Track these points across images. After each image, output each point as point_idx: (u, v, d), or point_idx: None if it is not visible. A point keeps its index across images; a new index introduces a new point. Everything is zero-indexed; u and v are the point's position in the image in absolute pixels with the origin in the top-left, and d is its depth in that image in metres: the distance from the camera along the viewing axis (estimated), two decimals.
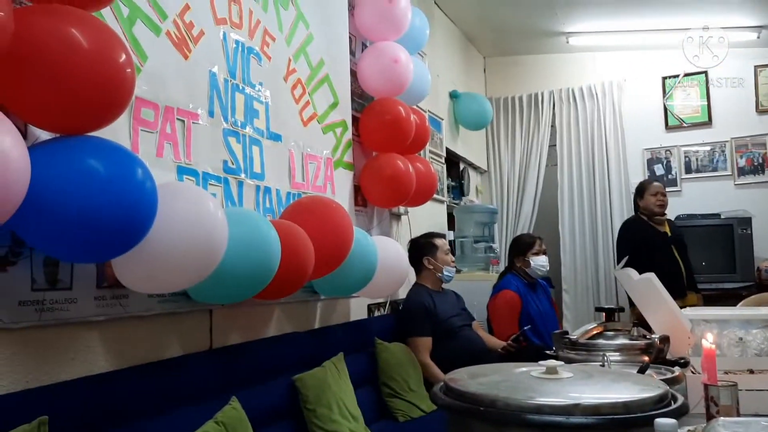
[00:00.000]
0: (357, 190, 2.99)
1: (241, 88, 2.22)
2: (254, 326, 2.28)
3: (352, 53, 3.07)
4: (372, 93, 3.10)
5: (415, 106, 3.32)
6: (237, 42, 2.22)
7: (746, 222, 4.51)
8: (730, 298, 3.82)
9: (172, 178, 1.85)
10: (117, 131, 1.63)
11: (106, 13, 1.63)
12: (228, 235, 1.67)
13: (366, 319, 3.10)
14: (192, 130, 1.95)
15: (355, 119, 3.01)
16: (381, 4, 2.97)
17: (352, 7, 3.05)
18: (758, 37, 4.59)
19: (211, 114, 2.05)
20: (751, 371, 1.58)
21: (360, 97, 3.12)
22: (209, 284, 1.70)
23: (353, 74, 3.03)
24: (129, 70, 1.38)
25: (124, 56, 1.36)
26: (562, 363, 1.17)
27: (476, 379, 1.10)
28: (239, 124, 2.19)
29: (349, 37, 3.02)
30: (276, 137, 2.40)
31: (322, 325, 2.71)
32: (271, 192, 2.34)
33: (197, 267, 1.59)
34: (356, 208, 3.00)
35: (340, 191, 2.82)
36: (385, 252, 2.66)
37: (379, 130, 2.99)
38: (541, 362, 1.14)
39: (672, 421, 0.90)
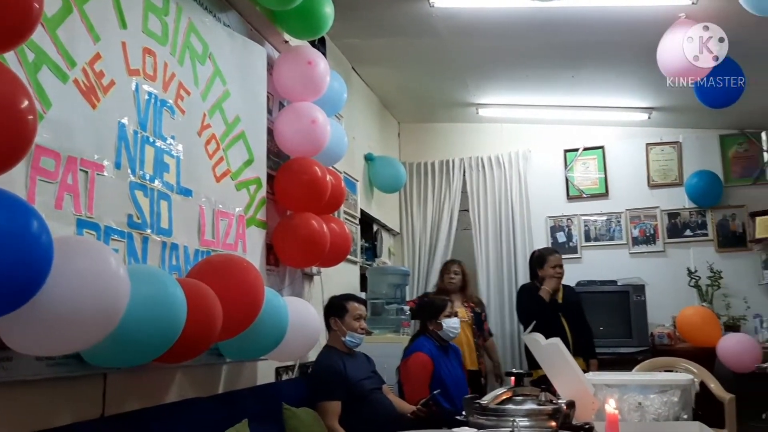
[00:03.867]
0: (269, 249, 2.93)
1: (151, 140, 2.15)
2: (153, 391, 2.14)
3: (270, 112, 3.07)
4: (288, 152, 3.10)
5: (331, 167, 3.34)
6: (150, 94, 2.16)
7: (640, 289, 4.77)
8: (626, 363, 3.98)
9: (70, 232, 1.74)
10: (12, 180, 1.53)
11: (10, 57, 1.55)
12: (129, 293, 1.58)
13: (274, 383, 2.99)
14: (96, 182, 1.86)
15: (270, 177, 2.98)
16: (300, 65, 3.00)
17: (270, 67, 3.07)
18: (649, 118, 5.01)
19: (117, 166, 1.97)
20: None
21: (276, 156, 3.10)
22: (106, 346, 1.59)
23: (270, 132, 3.02)
24: (31, 117, 1.30)
25: (26, 102, 1.29)
26: (475, 430, 1.16)
27: None
28: (147, 178, 2.11)
29: (267, 96, 3.02)
30: (186, 192, 2.33)
31: (227, 390, 2.58)
32: (178, 249, 2.25)
33: (94, 328, 1.48)
34: (268, 267, 2.93)
35: (252, 250, 2.75)
36: (296, 313, 2.59)
37: (295, 189, 2.96)
38: (453, 429, 1.13)
39: None
